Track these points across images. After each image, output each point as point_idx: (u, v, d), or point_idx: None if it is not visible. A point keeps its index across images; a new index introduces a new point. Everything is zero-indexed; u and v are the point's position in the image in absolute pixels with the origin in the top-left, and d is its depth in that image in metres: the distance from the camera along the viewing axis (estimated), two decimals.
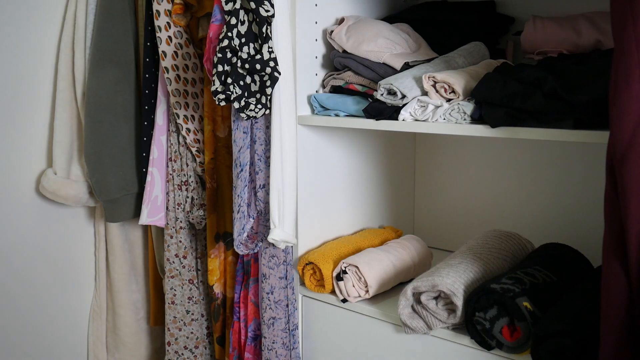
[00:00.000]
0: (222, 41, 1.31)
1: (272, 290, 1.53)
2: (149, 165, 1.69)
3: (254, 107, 1.38)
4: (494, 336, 1.20)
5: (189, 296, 1.74)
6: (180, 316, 1.75)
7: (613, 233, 0.95)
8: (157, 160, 1.69)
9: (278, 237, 1.44)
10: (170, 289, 1.74)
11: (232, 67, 1.33)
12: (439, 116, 1.30)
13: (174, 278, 1.73)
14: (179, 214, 1.70)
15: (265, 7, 1.32)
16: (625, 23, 0.90)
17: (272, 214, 1.45)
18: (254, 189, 1.51)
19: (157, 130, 1.69)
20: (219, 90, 1.32)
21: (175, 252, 1.72)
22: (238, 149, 1.47)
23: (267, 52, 1.34)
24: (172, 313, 1.75)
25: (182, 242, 1.71)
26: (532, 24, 1.43)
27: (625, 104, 0.90)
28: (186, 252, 1.72)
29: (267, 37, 1.34)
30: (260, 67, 1.33)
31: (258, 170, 1.49)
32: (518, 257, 1.43)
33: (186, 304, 1.74)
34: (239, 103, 1.35)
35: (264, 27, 1.33)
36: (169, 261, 1.73)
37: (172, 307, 1.75)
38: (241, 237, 1.49)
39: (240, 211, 1.48)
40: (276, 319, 1.53)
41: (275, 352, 1.54)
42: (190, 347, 1.77)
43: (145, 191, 1.69)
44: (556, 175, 1.67)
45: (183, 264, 1.73)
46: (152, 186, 1.69)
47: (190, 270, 1.73)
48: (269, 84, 1.36)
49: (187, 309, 1.75)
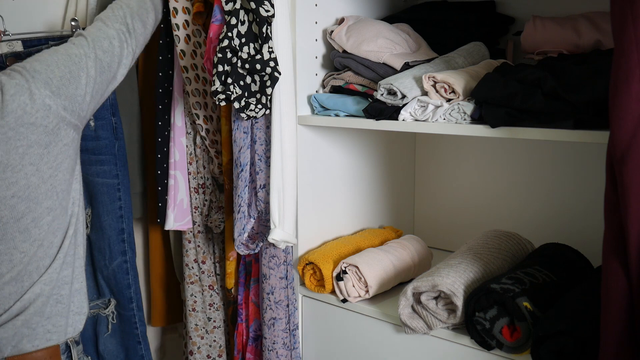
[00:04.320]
0: (222, 41, 1.32)
1: (272, 291, 1.52)
2: (171, 168, 1.62)
3: (254, 107, 1.38)
4: (494, 336, 1.20)
5: (209, 303, 1.70)
6: (201, 324, 1.71)
7: (613, 233, 0.95)
8: (179, 163, 1.62)
9: (278, 237, 1.44)
10: (190, 295, 1.70)
11: (232, 67, 1.33)
12: (439, 116, 1.30)
13: (194, 284, 1.69)
14: (196, 218, 1.65)
15: (266, 7, 1.33)
16: (625, 23, 0.90)
17: (273, 214, 1.45)
18: (255, 189, 1.50)
19: (177, 131, 1.62)
20: (219, 90, 1.32)
21: (194, 257, 1.68)
22: (238, 149, 1.46)
23: (267, 52, 1.34)
24: (194, 321, 1.70)
25: (201, 246, 1.67)
26: (532, 24, 1.43)
27: (625, 104, 0.90)
28: (205, 256, 1.68)
29: (267, 37, 1.34)
30: (260, 67, 1.33)
31: (258, 171, 1.48)
32: (518, 257, 1.43)
33: (207, 310, 1.70)
34: (239, 103, 1.35)
35: (264, 27, 1.33)
36: (188, 266, 1.69)
37: (193, 314, 1.70)
38: (242, 237, 1.49)
39: (241, 211, 1.48)
40: (277, 319, 1.53)
41: (276, 352, 1.54)
42: (213, 355, 1.73)
43: (169, 195, 1.61)
44: (556, 175, 1.67)
45: (202, 269, 1.68)
46: (177, 190, 1.62)
47: (210, 275, 1.69)
48: (269, 84, 1.37)
49: (209, 316, 1.70)
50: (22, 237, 1.09)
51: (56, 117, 1.12)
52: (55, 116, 1.11)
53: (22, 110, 1.07)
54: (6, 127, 1.06)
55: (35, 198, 1.10)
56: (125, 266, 1.63)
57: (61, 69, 1.14)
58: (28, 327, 1.11)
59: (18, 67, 1.12)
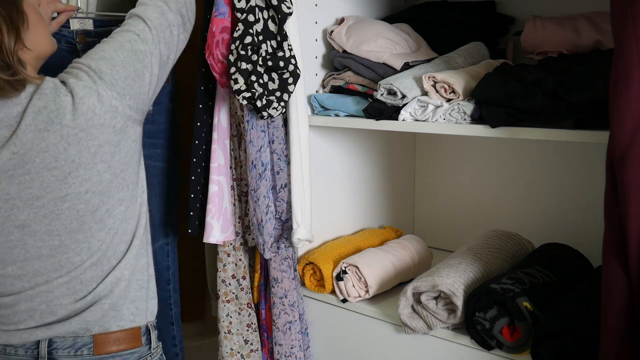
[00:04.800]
0: (243, 38, 1.29)
1: (285, 294, 1.48)
2: (213, 173, 1.46)
3: (277, 105, 1.35)
4: (494, 336, 1.20)
5: (247, 323, 1.54)
6: (237, 347, 1.55)
7: (613, 233, 0.95)
8: (223, 168, 1.47)
9: (303, 237, 1.42)
10: (225, 315, 1.54)
11: (253, 65, 1.32)
12: (439, 116, 1.30)
13: (230, 303, 1.54)
14: (238, 229, 1.52)
15: (287, 4, 1.32)
16: (625, 23, 0.90)
17: (295, 213, 1.42)
18: (273, 188, 1.46)
19: (222, 133, 1.47)
20: (242, 88, 1.30)
21: (232, 272, 1.53)
22: (257, 149, 1.40)
23: (288, 49, 1.32)
24: (229, 345, 1.54)
25: (242, 260, 1.53)
26: (532, 24, 1.43)
27: (625, 104, 0.90)
28: (245, 272, 1.54)
29: (286, 35, 1.33)
30: (283, 65, 1.32)
31: (279, 170, 1.44)
32: (518, 257, 1.43)
33: (244, 332, 1.55)
34: (261, 102, 1.32)
35: (284, 24, 1.32)
36: (225, 283, 1.53)
37: (229, 337, 1.54)
38: (272, 239, 1.43)
39: (269, 212, 1.42)
40: (292, 322, 1.49)
41: (295, 356, 1.50)
42: None
43: (213, 203, 1.45)
44: (556, 175, 1.67)
45: (242, 286, 1.54)
46: (221, 197, 1.46)
47: (248, 292, 1.54)
48: (292, 82, 1.35)
49: (246, 339, 1.55)
50: (98, 227, 1.15)
51: (123, 116, 1.15)
52: (122, 116, 1.14)
53: (92, 112, 1.10)
54: (77, 128, 1.10)
55: (108, 192, 1.15)
56: (166, 248, 1.62)
57: (126, 68, 1.16)
58: (115, 310, 1.18)
59: (84, 67, 1.13)
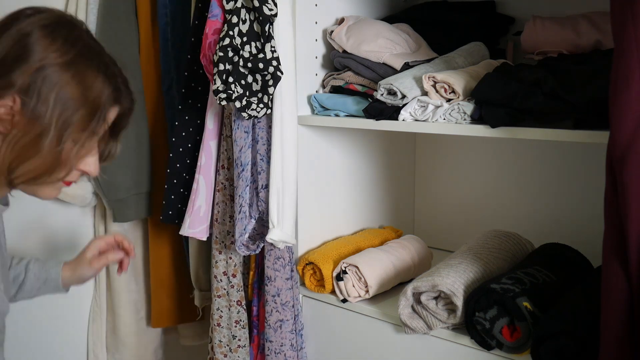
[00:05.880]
0: (223, 40, 1.31)
1: (278, 293, 1.50)
2: (197, 172, 1.55)
3: (256, 107, 1.37)
4: (494, 336, 1.20)
5: (236, 320, 1.59)
6: (225, 341, 1.60)
7: (613, 233, 0.95)
8: (204, 167, 1.54)
9: (277, 237, 1.44)
10: (216, 309, 1.60)
11: (234, 66, 1.33)
12: (439, 116, 1.30)
13: (221, 298, 1.59)
14: (230, 228, 1.56)
15: (269, 5, 1.32)
16: (625, 23, 0.90)
17: (271, 213, 1.44)
18: (256, 189, 1.49)
19: (207, 134, 1.53)
20: (220, 89, 1.32)
21: (223, 269, 1.57)
22: (239, 148, 1.45)
23: (270, 51, 1.33)
24: (218, 336, 1.61)
25: (233, 259, 1.58)
26: (532, 24, 1.43)
27: (625, 104, 0.90)
28: (236, 270, 1.57)
29: (269, 36, 1.33)
30: (263, 66, 1.32)
31: (260, 170, 1.47)
32: (518, 257, 1.43)
33: (232, 328, 1.59)
34: (240, 102, 1.34)
35: (267, 26, 1.32)
36: (216, 279, 1.58)
37: (218, 329, 1.60)
38: (243, 238, 1.47)
39: (242, 211, 1.47)
40: (284, 321, 1.51)
41: (284, 354, 1.51)
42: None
43: (190, 199, 1.55)
44: (556, 175, 1.67)
45: (232, 283, 1.58)
46: (197, 195, 1.54)
47: (239, 290, 1.58)
48: (272, 84, 1.36)
49: (234, 334, 1.60)
50: None
51: None
52: None
53: None
54: None
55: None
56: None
57: None
58: None
59: None
